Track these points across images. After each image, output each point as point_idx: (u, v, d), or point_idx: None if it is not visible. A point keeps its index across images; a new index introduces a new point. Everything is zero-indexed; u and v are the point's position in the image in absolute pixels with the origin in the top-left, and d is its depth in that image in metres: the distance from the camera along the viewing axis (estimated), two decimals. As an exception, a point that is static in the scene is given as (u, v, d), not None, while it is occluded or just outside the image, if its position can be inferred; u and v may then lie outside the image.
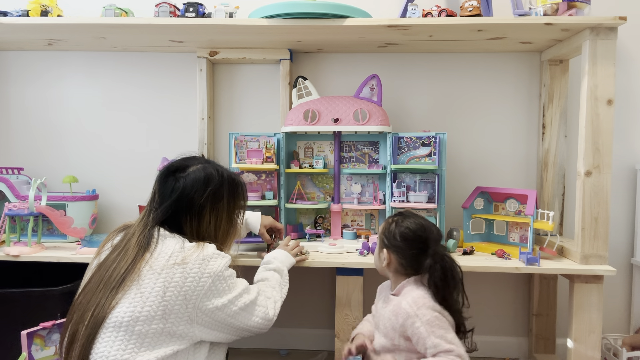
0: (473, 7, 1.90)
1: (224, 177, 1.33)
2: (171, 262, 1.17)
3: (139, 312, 1.11)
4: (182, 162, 1.34)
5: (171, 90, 2.41)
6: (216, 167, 1.34)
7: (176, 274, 1.15)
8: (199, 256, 1.19)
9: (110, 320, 1.12)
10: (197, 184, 1.27)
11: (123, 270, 1.17)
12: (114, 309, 1.13)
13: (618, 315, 2.30)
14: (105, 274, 1.20)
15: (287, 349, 2.37)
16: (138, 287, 1.14)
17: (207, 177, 1.29)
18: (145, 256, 1.19)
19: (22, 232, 2.04)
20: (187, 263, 1.17)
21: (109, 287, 1.16)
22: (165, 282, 1.14)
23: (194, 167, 1.31)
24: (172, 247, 1.21)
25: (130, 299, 1.13)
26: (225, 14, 1.98)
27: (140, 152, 2.42)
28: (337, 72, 2.36)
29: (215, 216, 1.30)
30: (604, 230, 1.81)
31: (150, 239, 1.22)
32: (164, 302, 1.13)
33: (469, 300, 1.47)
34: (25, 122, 2.44)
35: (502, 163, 2.33)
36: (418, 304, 1.32)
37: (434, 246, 1.39)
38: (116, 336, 1.11)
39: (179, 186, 1.27)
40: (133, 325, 1.11)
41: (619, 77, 2.15)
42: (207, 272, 1.18)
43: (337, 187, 2.19)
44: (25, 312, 1.83)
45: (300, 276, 2.38)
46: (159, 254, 1.19)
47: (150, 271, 1.16)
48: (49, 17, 1.99)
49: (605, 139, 1.80)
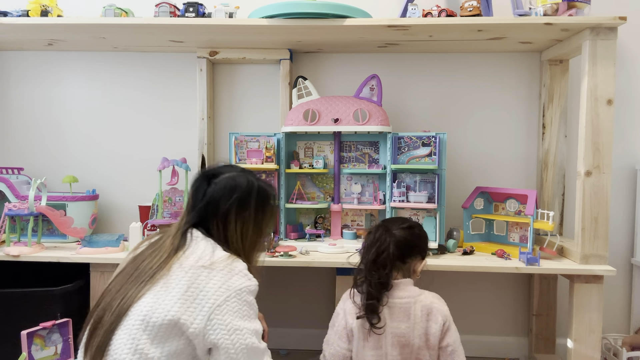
0: (473, 7, 1.90)
1: (254, 186, 1.34)
2: (199, 264, 1.19)
3: (159, 304, 1.14)
4: (218, 169, 1.37)
5: (171, 90, 2.41)
6: (248, 178, 1.35)
7: (200, 276, 1.17)
8: (226, 267, 1.21)
9: (134, 310, 1.15)
10: (225, 190, 1.30)
11: (156, 266, 1.21)
12: (139, 299, 1.16)
13: (618, 315, 2.30)
14: (139, 265, 1.24)
15: (287, 349, 2.37)
16: (165, 281, 1.18)
17: (235, 185, 1.31)
18: (178, 254, 1.22)
19: (22, 232, 2.04)
20: (214, 269, 1.19)
21: (139, 280, 1.20)
22: (189, 281, 1.17)
23: (226, 175, 1.33)
24: (203, 249, 1.24)
25: (156, 291, 1.17)
26: (225, 14, 1.98)
27: (140, 152, 2.42)
28: (337, 72, 2.36)
29: (241, 224, 1.31)
30: (604, 230, 1.81)
31: (185, 239, 1.26)
32: (182, 298, 1.15)
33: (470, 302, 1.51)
34: (25, 122, 2.44)
35: (502, 163, 2.33)
36: (344, 295, 1.50)
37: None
38: (137, 326, 1.13)
39: (209, 192, 1.31)
40: (150, 316, 1.13)
41: (619, 77, 2.15)
42: (227, 284, 1.18)
43: (337, 187, 2.19)
44: (25, 312, 1.83)
45: (300, 276, 2.38)
46: (191, 253, 1.23)
47: (180, 268, 1.19)
48: (49, 17, 1.99)
49: (605, 139, 1.80)
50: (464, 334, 2.32)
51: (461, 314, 2.33)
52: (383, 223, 1.56)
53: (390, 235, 1.47)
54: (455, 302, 2.29)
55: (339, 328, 1.44)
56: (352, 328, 1.41)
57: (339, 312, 1.47)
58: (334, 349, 1.43)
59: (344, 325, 1.43)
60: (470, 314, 2.34)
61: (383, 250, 1.45)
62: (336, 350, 1.42)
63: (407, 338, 1.41)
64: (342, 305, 1.49)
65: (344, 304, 1.48)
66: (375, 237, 1.49)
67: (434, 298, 1.49)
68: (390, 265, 1.45)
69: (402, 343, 1.41)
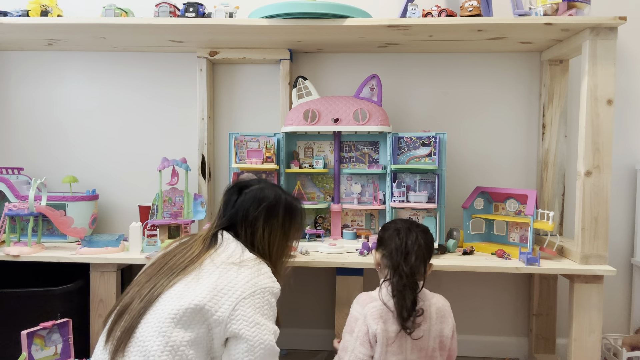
0: (473, 7, 1.90)
1: (281, 198, 1.45)
2: (230, 261, 1.29)
3: (189, 292, 1.20)
4: (249, 181, 1.50)
5: (171, 90, 2.41)
6: (276, 191, 1.46)
7: (230, 271, 1.26)
8: (254, 266, 1.29)
9: (164, 297, 1.21)
10: (254, 200, 1.41)
11: (188, 260, 1.30)
12: (170, 288, 1.23)
13: (618, 315, 2.30)
14: (169, 260, 1.32)
15: (287, 349, 2.37)
16: (197, 273, 1.26)
17: (263, 196, 1.42)
18: (210, 251, 1.32)
19: (22, 232, 2.04)
20: (243, 266, 1.28)
21: (171, 272, 1.27)
22: (220, 274, 1.25)
23: (256, 187, 1.45)
24: (233, 249, 1.33)
25: (187, 281, 1.24)
26: (225, 14, 1.98)
27: (140, 152, 2.42)
28: (337, 72, 2.36)
29: (269, 231, 1.41)
30: (604, 230, 1.81)
31: (216, 239, 1.37)
32: (211, 287, 1.21)
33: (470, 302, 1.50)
34: (25, 122, 2.44)
35: (502, 163, 2.33)
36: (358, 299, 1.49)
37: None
38: (166, 311, 1.17)
39: (240, 201, 1.42)
40: (178, 301, 1.18)
41: (619, 77, 2.15)
42: (254, 280, 1.25)
43: (337, 187, 2.19)
44: (25, 312, 1.84)
45: (300, 276, 2.37)
46: (222, 251, 1.32)
47: (211, 263, 1.28)
48: (49, 17, 1.99)
49: (605, 139, 1.80)
50: (464, 334, 2.34)
51: (461, 314, 2.33)
52: (402, 225, 1.52)
53: (417, 238, 1.47)
54: (455, 302, 2.28)
55: (360, 334, 1.39)
56: (376, 334, 1.37)
57: (358, 317, 1.42)
58: (355, 356, 1.38)
59: (366, 331, 1.38)
60: (470, 314, 2.34)
61: (417, 254, 1.44)
62: (357, 356, 1.38)
63: (424, 341, 1.42)
64: (360, 310, 1.43)
65: (362, 309, 1.42)
66: (404, 240, 1.45)
67: (444, 300, 1.51)
68: (424, 268, 1.46)
69: (419, 346, 1.41)
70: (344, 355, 1.40)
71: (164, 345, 1.13)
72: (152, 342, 1.14)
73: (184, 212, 2.14)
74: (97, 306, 1.90)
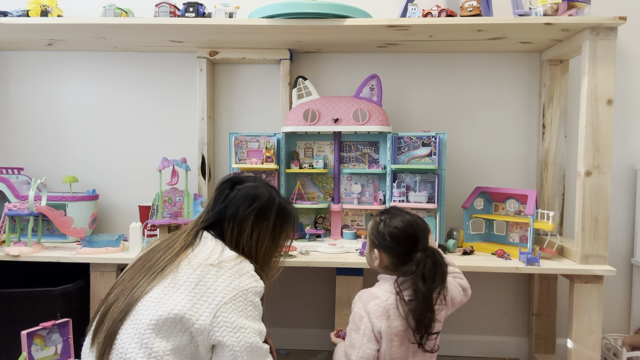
0: (473, 7, 1.90)
1: (275, 201, 1.38)
2: (208, 262, 1.23)
3: (166, 299, 1.16)
4: (244, 177, 1.43)
5: (171, 90, 2.41)
6: (271, 192, 1.40)
7: (209, 274, 1.20)
8: (234, 266, 1.23)
9: (142, 303, 1.17)
10: (246, 198, 1.34)
11: (167, 259, 1.25)
12: (147, 293, 1.19)
13: (618, 315, 2.30)
14: (151, 258, 1.28)
15: (287, 349, 2.37)
16: (173, 277, 1.21)
17: (256, 195, 1.35)
18: (187, 251, 1.26)
19: (22, 232, 2.04)
20: (222, 268, 1.22)
21: (150, 271, 1.23)
22: (198, 278, 1.19)
23: (251, 184, 1.38)
24: (212, 248, 1.27)
25: (164, 286, 1.19)
26: (225, 14, 1.98)
27: (140, 152, 2.42)
28: (337, 72, 2.36)
29: (257, 233, 1.34)
30: (604, 230, 1.81)
31: (195, 238, 1.31)
32: (190, 295, 1.17)
33: (470, 302, 1.48)
34: (25, 122, 2.44)
35: (502, 163, 2.33)
36: (360, 297, 1.42)
37: (423, 240, 1.41)
38: (144, 320, 1.15)
39: (231, 196, 1.35)
40: (156, 311, 1.15)
41: (619, 77, 2.15)
42: (234, 283, 1.20)
43: (337, 187, 2.19)
44: (25, 312, 1.83)
45: (300, 276, 2.38)
46: (200, 252, 1.26)
47: (188, 265, 1.22)
48: (49, 17, 1.99)
49: (605, 139, 1.80)
50: (464, 334, 2.35)
51: (461, 314, 2.33)
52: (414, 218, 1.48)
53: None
54: (455, 302, 2.30)
55: (366, 331, 1.38)
56: (381, 331, 1.36)
57: (363, 315, 1.39)
58: (363, 352, 1.37)
59: (371, 328, 1.37)
60: (470, 314, 2.34)
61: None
62: (365, 352, 1.37)
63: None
64: (363, 308, 1.41)
65: (365, 307, 1.39)
66: (413, 227, 1.42)
67: (457, 288, 1.55)
68: None
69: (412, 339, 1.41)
70: (352, 352, 1.39)
71: (147, 357, 1.11)
72: (135, 354, 1.11)
73: (184, 212, 2.14)
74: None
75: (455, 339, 2.34)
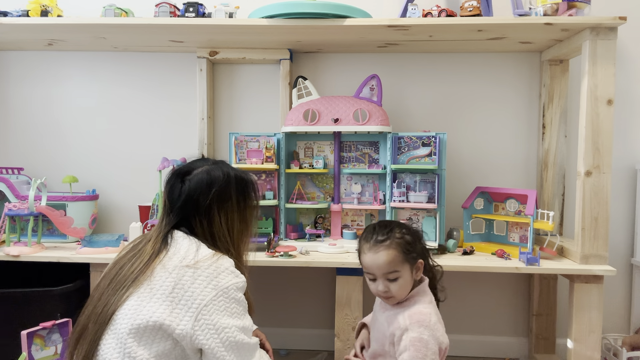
0: (473, 7, 1.90)
1: (230, 176, 1.30)
2: (183, 264, 1.17)
3: (143, 306, 1.13)
4: (188, 165, 1.33)
5: (171, 90, 2.41)
6: (222, 168, 1.32)
7: (185, 276, 1.15)
8: (211, 265, 1.18)
9: (119, 315, 1.14)
10: (201, 186, 1.27)
11: (137, 270, 1.18)
12: (123, 304, 1.15)
13: (618, 315, 2.30)
14: (119, 272, 1.21)
15: (287, 349, 2.37)
16: (149, 283, 1.15)
17: (211, 179, 1.28)
18: (160, 256, 1.19)
19: (22, 232, 2.04)
20: (199, 268, 1.16)
21: (120, 285, 1.18)
22: (174, 281, 1.14)
23: (199, 170, 1.29)
24: (186, 249, 1.21)
25: (139, 294, 1.15)
26: (225, 14, 1.98)
27: (140, 152, 2.42)
28: (337, 72, 2.36)
29: (225, 216, 1.28)
30: (604, 230, 1.81)
31: (165, 242, 1.23)
32: (167, 301, 1.13)
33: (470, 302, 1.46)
34: (25, 122, 2.44)
35: (502, 163, 2.33)
36: (419, 322, 1.29)
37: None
38: (123, 330, 1.12)
39: (185, 189, 1.27)
40: (135, 319, 1.11)
41: (619, 77, 2.14)
42: (213, 283, 1.16)
43: (337, 187, 2.19)
44: (25, 312, 1.83)
45: (300, 276, 2.38)
46: (174, 254, 1.20)
47: (163, 270, 1.17)
48: (49, 17, 1.99)
49: (605, 139, 1.80)
50: (464, 334, 2.35)
51: (461, 314, 2.34)
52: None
53: None
54: (455, 302, 2.30)
55: (434, 356, 1.28)
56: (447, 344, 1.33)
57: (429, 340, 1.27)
58: (447, 339, 1.32)
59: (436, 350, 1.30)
60: (470, 314, 2.34)
61: None
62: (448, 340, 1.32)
63: None
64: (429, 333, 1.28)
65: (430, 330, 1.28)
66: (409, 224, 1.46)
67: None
68: None
69: None
70: (444, 340, 1.29)
71: None
72: None
73: (184, 212, 2.14)
74: (97, 306, 1.90)
75: (455, 339, 2.33)
